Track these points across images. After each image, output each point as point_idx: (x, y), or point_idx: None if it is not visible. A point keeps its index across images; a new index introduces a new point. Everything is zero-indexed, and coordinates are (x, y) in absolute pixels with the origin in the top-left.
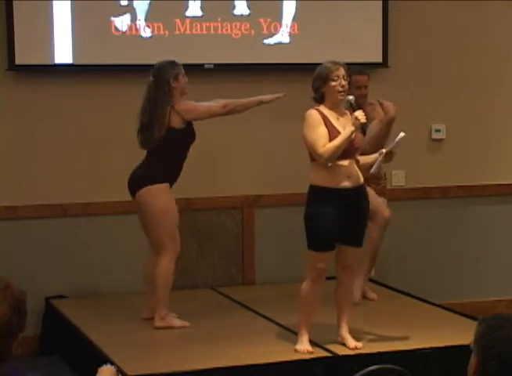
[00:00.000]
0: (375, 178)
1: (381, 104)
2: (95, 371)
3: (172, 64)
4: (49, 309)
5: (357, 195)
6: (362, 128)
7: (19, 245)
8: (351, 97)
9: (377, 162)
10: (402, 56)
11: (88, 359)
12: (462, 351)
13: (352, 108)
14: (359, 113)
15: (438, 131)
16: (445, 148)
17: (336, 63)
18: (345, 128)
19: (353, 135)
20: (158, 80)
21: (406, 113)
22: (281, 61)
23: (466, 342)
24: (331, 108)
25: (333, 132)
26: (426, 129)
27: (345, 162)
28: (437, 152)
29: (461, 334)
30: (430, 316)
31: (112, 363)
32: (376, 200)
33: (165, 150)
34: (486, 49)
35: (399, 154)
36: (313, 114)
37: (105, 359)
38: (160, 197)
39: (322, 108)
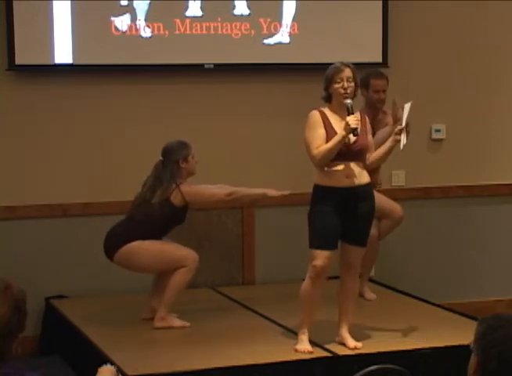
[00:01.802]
0: None
1: (394, 106)
2: (95, 371)
3: (182, 145)
4: (49, 309)
5: (354, 194)
6: (353, 133)
7: (19, 245)
8: (348, 101)
9: (403, 137)
10: (402, 56)
11: (88, 359)
12: (462, 351)
13: (348, 112)
14: (350, 119)
15: (438, 131)
16: (445, 148)
17: (342, 65)
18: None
19: (352, 139)
20: (167, 159)
21: None
22: (281, 61)
23: (466, 342)
24: (336, 109)
25: (331, 134)
26: (426, 129)
27: (340, 166)
28: (437, 152)
29: (461, 334)
30: (430, 316)
31: (112, 363)
32: (387, 201)
33: (151, 219)
34: (486, 49)
35: (399, 154)
36: (313, 115)
37: (105, 359)
38: (144, 246)
39: (326, 109)
